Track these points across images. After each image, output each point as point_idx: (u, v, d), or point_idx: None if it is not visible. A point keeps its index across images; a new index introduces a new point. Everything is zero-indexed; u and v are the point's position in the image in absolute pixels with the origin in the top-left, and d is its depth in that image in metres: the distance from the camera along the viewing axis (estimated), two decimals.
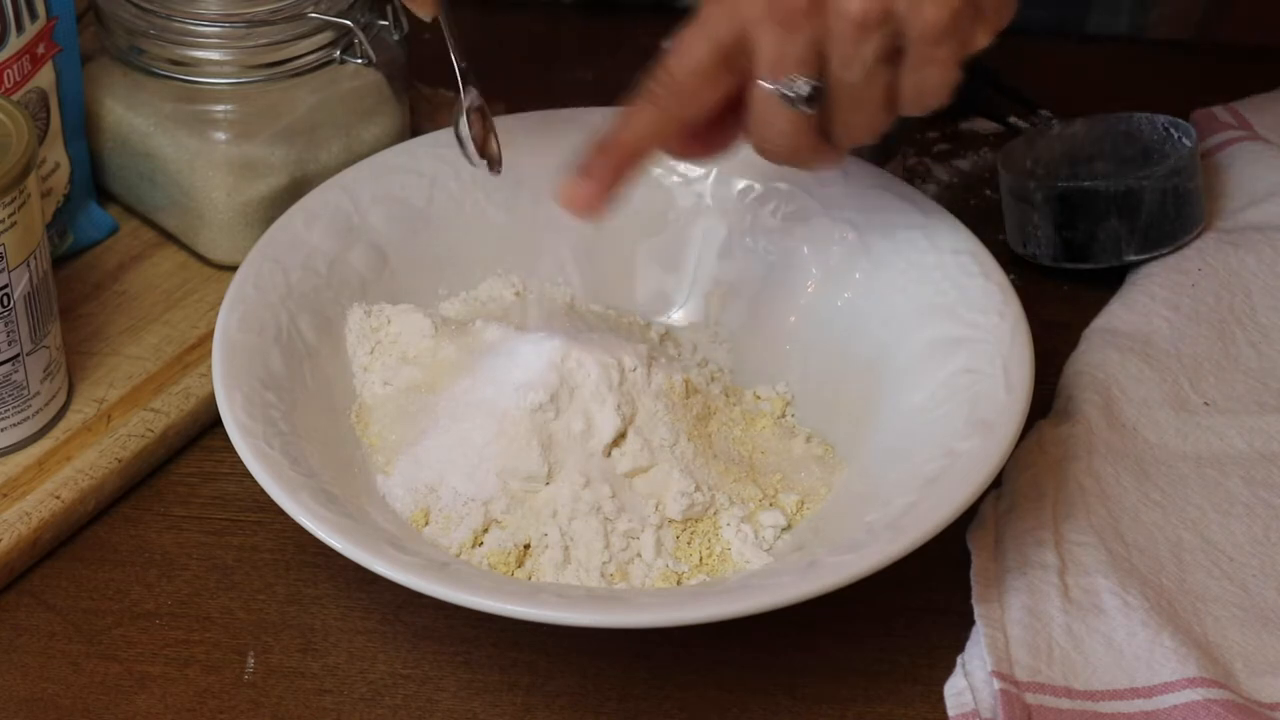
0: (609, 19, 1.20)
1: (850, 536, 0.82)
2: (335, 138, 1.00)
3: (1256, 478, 0.91)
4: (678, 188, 0.97)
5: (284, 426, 0.85)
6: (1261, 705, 0.81)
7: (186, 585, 0.88)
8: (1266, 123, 1.09)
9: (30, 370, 0.89)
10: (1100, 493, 0.90)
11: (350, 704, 0.83)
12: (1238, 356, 0.97)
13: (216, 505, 0.91)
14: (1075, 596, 0.85)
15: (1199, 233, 1.01)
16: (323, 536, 0.80)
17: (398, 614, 0.86)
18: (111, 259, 1.00)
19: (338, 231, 0.93)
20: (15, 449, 0.90)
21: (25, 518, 0.87)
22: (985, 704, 0.81)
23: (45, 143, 0.96)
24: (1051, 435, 0.92)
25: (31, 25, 0.93)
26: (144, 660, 0.85)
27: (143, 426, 0.92)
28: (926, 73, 0.83)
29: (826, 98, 0.83)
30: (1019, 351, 0.87)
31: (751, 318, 0.96)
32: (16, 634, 0.86)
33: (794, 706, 0.83)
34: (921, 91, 0.83)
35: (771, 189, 0.96)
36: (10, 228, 0.85)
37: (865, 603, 0.84)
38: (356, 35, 0.98)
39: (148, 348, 0.95)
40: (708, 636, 0.82)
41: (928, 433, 0.86)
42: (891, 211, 0.93)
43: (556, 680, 0.84)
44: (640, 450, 0.86)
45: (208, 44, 0.97)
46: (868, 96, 0.83)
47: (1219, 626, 0.85)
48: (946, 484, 0.82)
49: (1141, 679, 0.82)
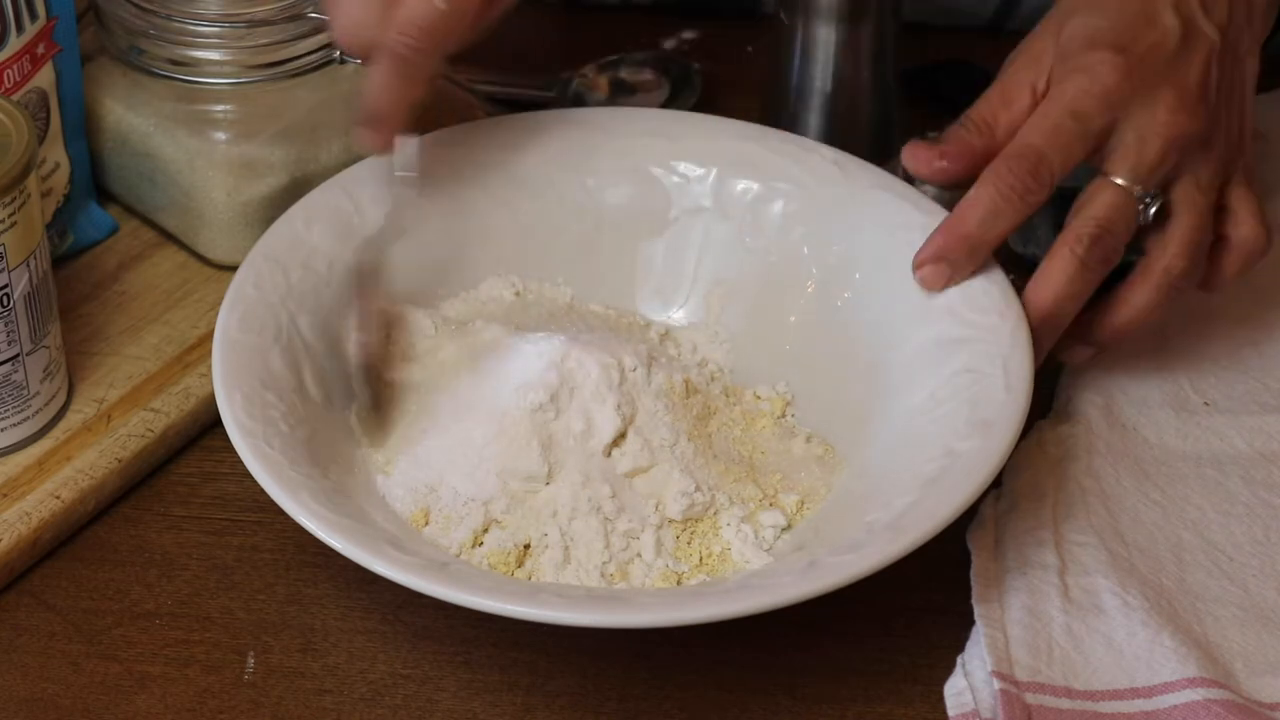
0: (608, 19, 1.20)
1: (850, 536, 0.82)
2: (335, 138, 0.99)
3: (1256, 478, 0.91)
4: (678, 188, 0.97)
5: (284, 426, 0.85)
6: (1261, 705, 0.81)
7: (186, 585, 0.88)
8: (1267, 122, 1.09)
9: (30, 370, 0.89)
10: (1100, 493, 0.90)
11: (350, 704, 0.83)
12: (1238, 356, 0.97)
13: (216, 505, 0.91)
14: (1075, 596, 0.85)
15: None
16: (323, 536, 0.80)
17: (398, 614, 0.86)
18: (111, 259, 1.00)
19: (338, 231, 0.93)
20: (15, 449, 0.90)
21: (25, 518, 0.87)
22: (985, 704, 0.81)
23: (45, 143, 0.96)
24: (1051, 435, 0.92)
25: (31, 25, 0.93)
26: (144, 660, 0.85)
27: (143, 426, 0.91)
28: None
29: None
30: (1019, 351, 0.87)
31: (751, 318, 0.96)
32: (16, 634, 0.86)
33: (794, 706, 0.83)
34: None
35: (771, 189, 0.96)
36: (10, 228, 0.85)
37: (865, 603, 0.84)
38: None
39: (148, 348, 0.95)
40: (708, 636, 0.82)
41: (928, 433, 0.86)
42: (891, 211, 0.93)
43: (556, 680, 0.84)
44: (640, 450, 0.86)
45: (208, 44, 0.97)
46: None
47: (1219, 626, 0.85)
48: (946, 484, 0.82)
49: (1141, 679, 0.82)
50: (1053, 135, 0.88)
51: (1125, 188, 0.89)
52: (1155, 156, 0.89)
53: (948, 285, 0.90)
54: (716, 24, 1.19)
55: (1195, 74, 0.89)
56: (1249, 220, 0.92)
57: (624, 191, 0.97)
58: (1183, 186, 0.90)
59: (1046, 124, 0.88)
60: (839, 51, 1.02)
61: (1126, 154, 0.89)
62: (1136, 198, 0.89)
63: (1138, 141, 0.88)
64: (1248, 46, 0.93)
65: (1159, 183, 0.89)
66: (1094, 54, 0.88)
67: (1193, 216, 0.90)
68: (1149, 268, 0.90)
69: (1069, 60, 0.89)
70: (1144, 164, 0.89)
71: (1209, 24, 0.90)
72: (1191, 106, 0.89)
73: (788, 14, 1.02)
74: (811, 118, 1.04)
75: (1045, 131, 0.88)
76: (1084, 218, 0.89)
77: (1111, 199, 0.89)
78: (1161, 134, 0.88)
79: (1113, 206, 0.89)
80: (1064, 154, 0.88)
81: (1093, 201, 0.89)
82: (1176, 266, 0.90)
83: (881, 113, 1.05)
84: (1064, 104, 0.88)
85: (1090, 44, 0.89)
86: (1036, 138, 0.88)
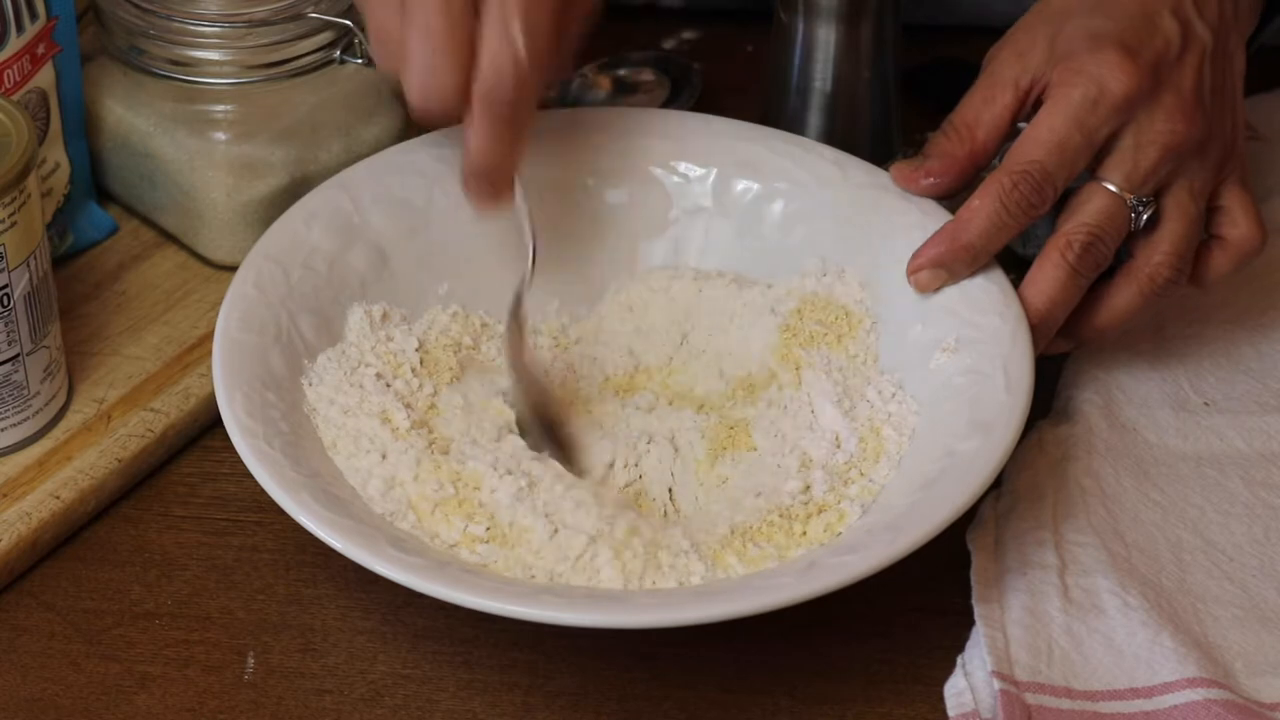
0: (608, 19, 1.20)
1: (850, 536, 0.82)
2: (335, 138, 0.99)
3: (1256, 478, 0.91)
4: (678, 188, 0.97)
5: (284, 426, 0.85)
6: (1261, 705, 0.82)
7: (186, 585, 0.88)
8: (1267, 122, 1.09)
9: (30, 370, 0.89)
10: (1100, 493, 0.90)
11: (350, 704, 0.83)
12: (1238, 356, 0.97)
13: (216, 505, 0.91)
14: (1075, 597, 0.85)
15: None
16: (323, 536, 0.80)
17: (398, 614, 0.86)
18: (111, 259, 1.00)
19: (338, 231, 0.93)
20: (15, 449, 0.90)
21: (25, 518, 0.87)
22: (985, 704, 0.81)
23: (45, 143, 0.96)
24: (1051, 435, 0.92)
25: (31, 25, 0.93)
26: (144, 660, 0.85)
27: (143, 426, 0.92)
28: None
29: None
30: (1019, 352, 0.87)
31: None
32: (16, 634, 0.86)
33: (794, 706, 0.83)
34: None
35: (772, 189, 0.96)
36: (10, 228, 0.85)
37: (865, 603, 0.84)
38: (356, 35, 0.98)
39: (148, 348, 0.95)
40: (708, 636, 0.82)
41: (928, 433, 0.86)
42: (891, 212, 0.93)
43: (556, 680, 0.84)
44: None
45: (208, 44, 0.97)
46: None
47: (1219, 626, 0.85)
48: (946, 484, 0.82)
49: (1141, 679, 0.82)
50: (1059, 151, 0.88)
51: (1119, 195, 0.88)
52: (1151, 164, 0.88)
53: (941, 288, 0.90)
54: (716, 24, 1.19)
55: (1191, 78, 0.89)
56: (1244, 220, 0.92)
57: (624, 191, 0.97)
58: (1175, 193, 0.90)
59: (1053, 139, 0.88)
60: (839, 51, 1.02)
61: (1122, 160, 0.88)
62: (1130, 205, 0.89)
63: (1134, 148, 0.88)
64: (1236, 42, 0.92)
65: (1152, 189, 0.89)
66: (1101, 55, 0.88)
67: (1183, 224, 0.89)
68: (1134, 271, 0.90)
69: (1072, 61, 0.88)
70: (1139, 172, 0.88)
71: (1203, 25, 0.90)
72: (1189, 113, 0.89)
73: (788, 14, 1.02)
74: (811, 118, 1.04)
75: (1051, 147, 0.87)
76: (1076, 223, 0.88)
77: (1104, 205, 0.89)
78: (1158, 142, 0.88)
79: (1105, 213, 0.89)
80: (1069, 169, 0.88)
81: (1085, 206, 0.89)
82: (1161, 274, 0.90)
83: (881, 113, 1.05)
84: (1070, 115, 0.87)
85: (1095, 44, 0.88)
86: (1042, 153, 0.88)
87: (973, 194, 0.89)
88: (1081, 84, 0.87)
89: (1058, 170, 0.88)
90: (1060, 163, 0.88)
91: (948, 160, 0.91)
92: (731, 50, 1.17)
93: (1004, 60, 0.90)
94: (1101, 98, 0.87)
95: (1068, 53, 0.89)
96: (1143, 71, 0.88)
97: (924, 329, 0.90)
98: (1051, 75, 0.89)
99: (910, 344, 0.90)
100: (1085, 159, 0.88)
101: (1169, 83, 0.89)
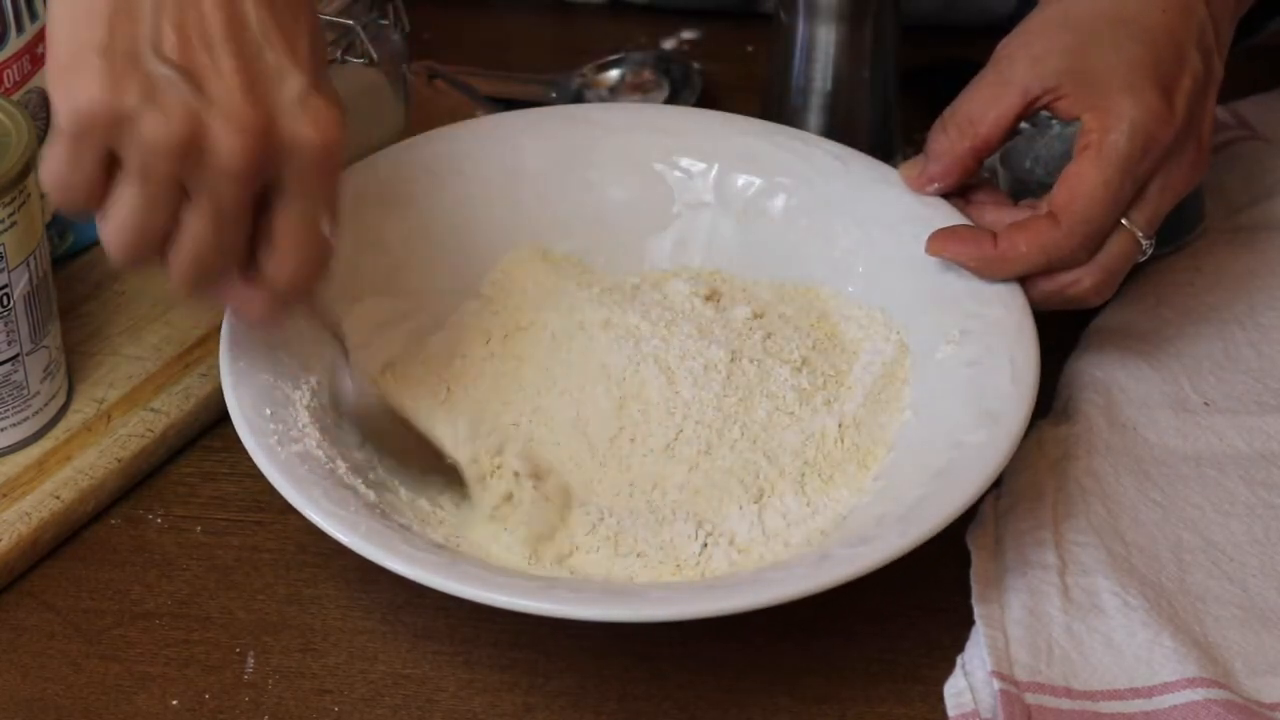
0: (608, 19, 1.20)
1: (861, 529, 0.82)
2: None
3: (1256, 478, 0.91)
4: (680, 183, 0.97)
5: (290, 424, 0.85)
6: (1261, 705, 0.81)
7: (186, 585, 0.88)
8: (1267, 122, 1.09)
9: (30, 370, 0.89)
10: (1100, 493, 0.90)
11: (350, 704, 0.83)
12: (1238, 356, 0.97)
13: (216, 505, 0.91)
14: (1075, 596, 0.85)
15: (1200, 232, 1.01)
16: (334, 533, 0.79)
17: (398, 614, 0.86)
18: None
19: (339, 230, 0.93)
20: (15, 449, 0.90)
21: (25, 518, 0.87)
22: (985, 704, 0.81)
23: (45, 143, 0.96)
24: (1051, 435, 0.92)
25: (31, 25, 0.93)
26: (144, 660, 0.85)
27: (143, 426, 0.91)
28: None
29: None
30: (1025, 342, 0.87)
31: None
32: (16, 634, 0.86)
33: (794, 706, 0.83)
34: None
35: (774, 184, 0.96)
36: (10, 228, 0.85)
37: (865, 602, 0.84)
38: (357, 35, 0.98)
39: (148, 348, 0.95)
40: (708, 636, 0.82)
41: (935, 425, 0.86)
42: (894, 206, 0.94)
43: (556, 680, 0.84)
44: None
45: None
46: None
47: (1219, 626, 0.85)
48: (955, 476, 0.82)
49: (1141, 679, 0.82)
50: (1115, 206, 0.87)
51: (1138, 239, 0.89)
52: (1167, 209, 0.89)
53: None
54: (716, 24, 1.19)
55: (1210, 122, 0.90)
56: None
57: (626, 187, 0.97)
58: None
59: (1109, 195, 0.87)
60: (839, 51, 1.02)
61: (1147, 204, 0.88)
62: (1143, 248, 0.89)
63: (1159, 192, 0.88)
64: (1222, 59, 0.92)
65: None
66: (1141, 98, 0.86)
67: (1129, 246, 0.89)
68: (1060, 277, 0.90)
69: (1108, 98, 0.87)
70: (1158, 216, 0.89)
71: (1217, 59, 0.90)
72: (1205, 162, 0.89)
73: (788, 14, 1.02)
74: (811, 117, 1.04)
75: (1109, 204, 0.87)
76: (1098, 265, 0.89)
77: (1127, 250, 0.89)
78: (1177, 189, 0.89)
79: (1127, 258, 0.89)
80: (1117, 216, 0.88)
81: (1109, 250, 0.89)
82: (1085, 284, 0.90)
83: (881, 113, 1.05)
84: (1123, 168, 0.87)
85: (1133, 81, 0.87)
86: (1100, 211, 0.87)
87: (1020, 233, 0.88)
88: (1128, 131, 0.86)
89: (1109, 223, 0.88)
90: (1114, 216, 0.88)
91: (949, 160, 0.91)
92: (731, 50, 1.17)
93: (1017, 60, 0.90)
94: (1150, 147, 0.87)
95: (1103, 85, 0.87)
96: (1180, 119, 0.87)
97: (928, 321, 0.90)
98: (1080, 100, 0.88)
99: (914, 336, 0.90)
100: (1128, 203, 0.88)
101: (1193, 129, 0.88)
